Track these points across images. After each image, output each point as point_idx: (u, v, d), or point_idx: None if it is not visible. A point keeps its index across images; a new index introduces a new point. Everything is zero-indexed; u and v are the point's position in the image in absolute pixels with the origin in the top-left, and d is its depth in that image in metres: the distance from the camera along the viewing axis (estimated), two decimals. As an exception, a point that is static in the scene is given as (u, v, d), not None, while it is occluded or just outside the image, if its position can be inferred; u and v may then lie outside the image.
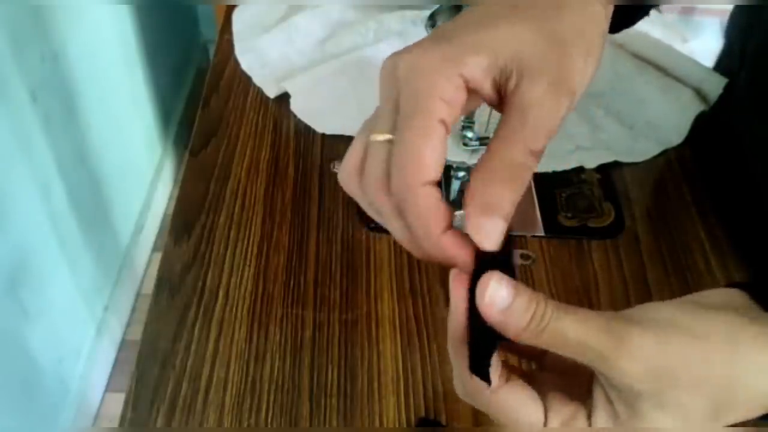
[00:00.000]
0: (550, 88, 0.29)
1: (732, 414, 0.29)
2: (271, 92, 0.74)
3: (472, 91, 0.30)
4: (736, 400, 0.28)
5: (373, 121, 0.32)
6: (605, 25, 0.34)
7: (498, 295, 0.28)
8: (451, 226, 0.29)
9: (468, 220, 0.28)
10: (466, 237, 0.29)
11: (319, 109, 0.72)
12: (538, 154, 0.29)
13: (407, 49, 0.30)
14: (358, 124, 0.70)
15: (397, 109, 0.30)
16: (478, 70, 0.29)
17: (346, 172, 0.32)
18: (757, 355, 0.28)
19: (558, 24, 0.31)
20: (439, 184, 0.29)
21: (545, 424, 0.30)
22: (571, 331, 0.28)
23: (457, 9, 0.56)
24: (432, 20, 0.57)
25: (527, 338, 0.28)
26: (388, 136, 0.30)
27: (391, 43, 0.77)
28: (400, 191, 0.29)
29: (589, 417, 0.30)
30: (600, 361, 0.28)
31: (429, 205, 0.28)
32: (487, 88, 0.30)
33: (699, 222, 0.63)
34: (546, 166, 0.66)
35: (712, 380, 0.28)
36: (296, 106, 0.72)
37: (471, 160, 0.68)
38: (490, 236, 0.28)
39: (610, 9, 0.35)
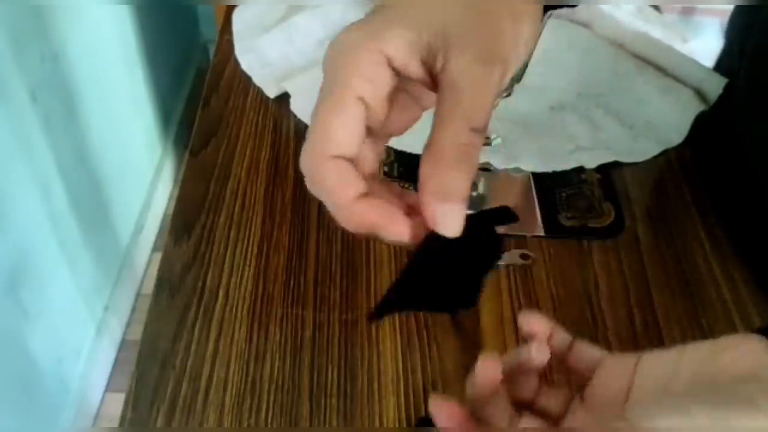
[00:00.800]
0: (479, 59, 0.28)
1: None
2: (271, 92, 0.74)
3: (399, 71, 0.29)
4: None
5: None
6: None
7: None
8: (366, 195, 0.28)
9: (424, 209, 0.27)
10: (385, 204, 0.28)
11: None
12: (481, 130, 0.28)
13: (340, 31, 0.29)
14: None
15: None
16: (401, 46, 0.28)
17: None
18: None
19: None
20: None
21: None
22: None
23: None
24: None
25: None
26: None
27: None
28: (306, 165, 0.28)
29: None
30: None
31: (337, 176, 0.27)
32: (414, 67, 0.29)
33: (699, 222, 0.63)
34: (546, 166, 0.66)
35: None
36: (296, 106, 0.72)
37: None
38: (451, 223, 0.27)
39: None
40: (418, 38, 0.28)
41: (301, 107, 0.72)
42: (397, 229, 0.28)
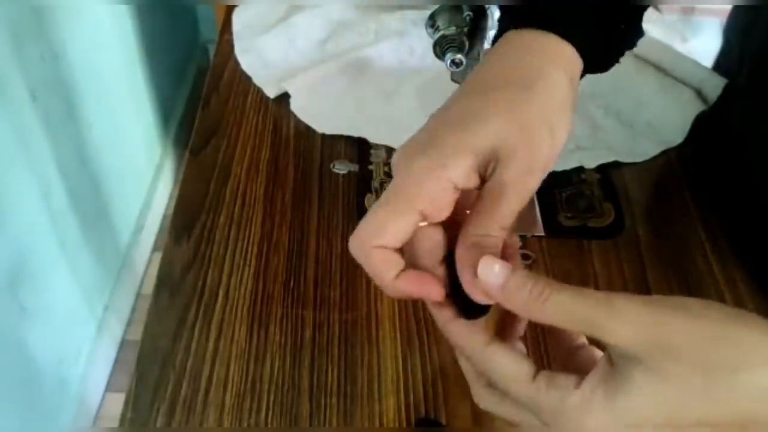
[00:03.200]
0: (520, 175, 0.34)
1: (730, 403, 0.28)
2: (271, 92, 0.74)
3: (463, 189, 0.35)
4: (735, 387, 0.28)
5: None
6: (570, 91, 0.38)
7: (491, 272, 0.32)
8: (402, 270, 0.34)
9: (468, 286, 0.33)
10: (416, 275, 0.34)
11: (319, 109, 0.72)
12: (506, 229, 0.34)
13: (406, 144, 0.36)
14: (358, 124, 0.72)
15: None
16: (464, 172, 0.34)
17: None
18: (758, 343, 0.28)
19: (527, 112, 0.35)
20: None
21: (533, 378, 0.32)
22: (569, 304, 0.30)
23: (457, 9, 0.56)
24: (432, 20, 0.57)
25: (531, 312, 0.31)
26: None
27: (391, 43, 0.77)
28: (354, 250, 0.34)
29: (579, 383, 0.31)
30: (595, 329, 0.30)
31: (380, 260, 0.34)
32: (475, 181, 0.35)
33: (699, 222, 0.63)
34: (546, 166, 0.66)
35: (711, 358, 0.28)
36: (296, 106, 0.72)
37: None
38: (484, 296, 0.33)
39: (577, 66, 0.39)
40: (476, 161, 0.34)
41: (301, 107, 0.72)
42: (430, 291, 0.34)
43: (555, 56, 0.38)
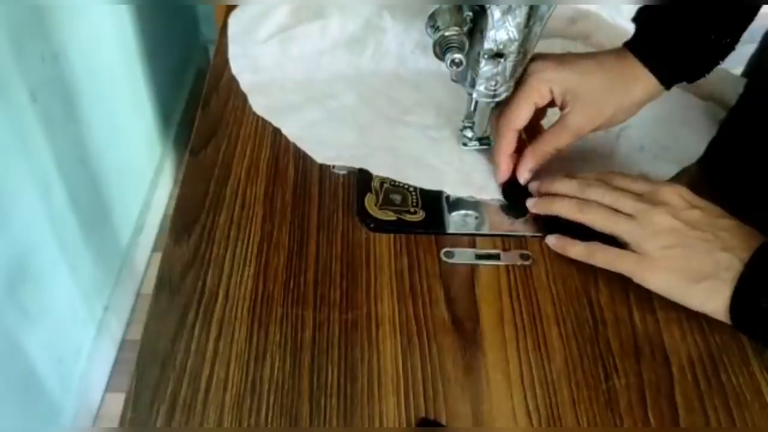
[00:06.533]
0: (586, 119, 0.59)
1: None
2: (256, 104, 0.73)
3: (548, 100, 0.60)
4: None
5: None
6: (634, 105, 0.60)
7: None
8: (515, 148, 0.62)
9: (521, 170, 0.62)
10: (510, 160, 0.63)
11: (318, 140, 0.69)
12: (562, 152, 0.61)
13: (544, 58, 0.60)
14: (356, 152, 0.70)
15: None
16: (558, 90, 0.59)
17: None
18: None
19: (595, 86, 0.59)
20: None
21: None
22: None
23: (457, 9, 0.56)
24: (432, 20, 0.57)
25: None
26: None
27: (388, 64, 0.76)
28: (499, 129, 0.62)
29: None
30: None
31: (510, 141, 0.62)
32: (557, 100, 0.59)
33: (699, 222, 0.63)
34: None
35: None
36: (291, 135, 0.70)
37: (471, 160, 0.67)
38: (526, 177, 0.62)
39: (650, 86, 0.59)
40: (566, 89, 0.59)
41: (297, 137, 0.70)
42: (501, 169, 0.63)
43: (634, 75, 0.59)
